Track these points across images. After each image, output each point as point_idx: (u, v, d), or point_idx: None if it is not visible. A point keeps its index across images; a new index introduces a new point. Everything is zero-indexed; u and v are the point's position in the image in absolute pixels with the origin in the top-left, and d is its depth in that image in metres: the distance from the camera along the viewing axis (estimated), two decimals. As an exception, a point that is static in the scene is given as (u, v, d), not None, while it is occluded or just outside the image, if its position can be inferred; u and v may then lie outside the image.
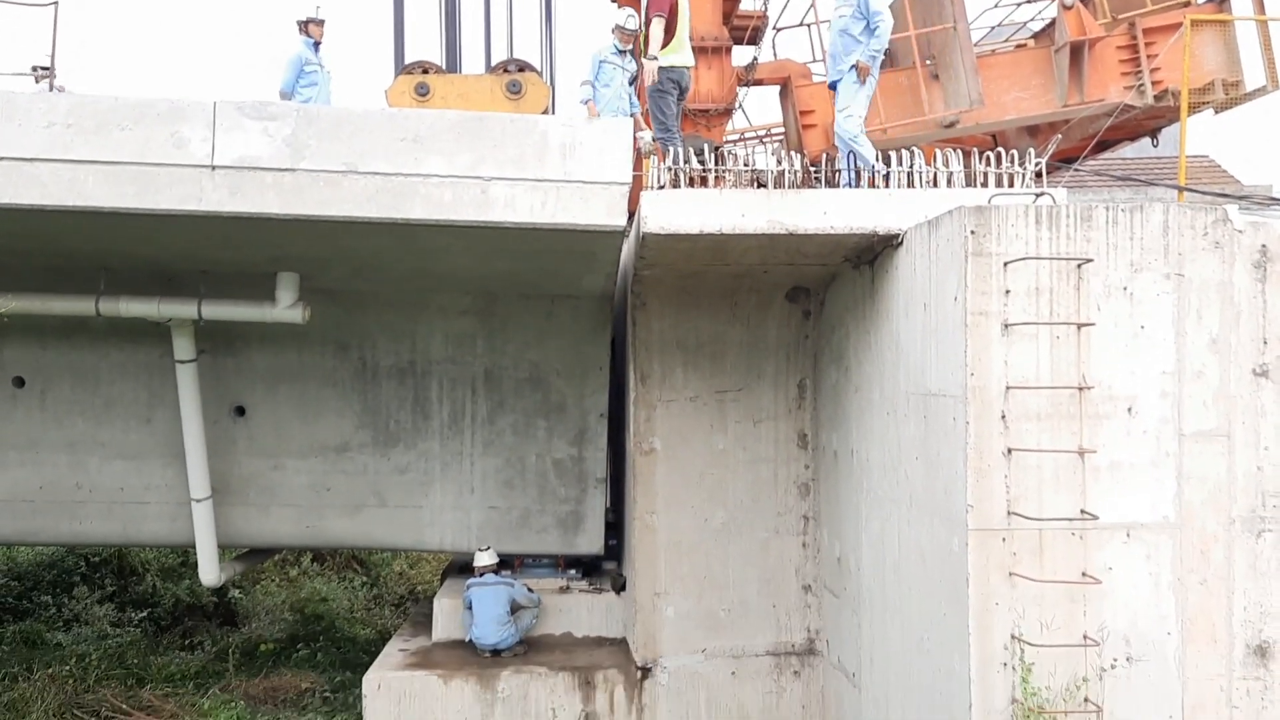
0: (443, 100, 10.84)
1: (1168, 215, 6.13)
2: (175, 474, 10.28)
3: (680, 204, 7.48)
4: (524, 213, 6.93)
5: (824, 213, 7.47)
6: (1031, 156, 8.13)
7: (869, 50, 8.67)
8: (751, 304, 9.36)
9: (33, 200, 6.56)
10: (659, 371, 9.41)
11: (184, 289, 8.98)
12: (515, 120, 7.08)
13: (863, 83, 8.70)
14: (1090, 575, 5.95)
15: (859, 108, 8.74)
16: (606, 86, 10.03)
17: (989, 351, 6.00)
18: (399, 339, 10.39)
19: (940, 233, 6.49)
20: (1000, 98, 10.34)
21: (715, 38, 11.34)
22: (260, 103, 6.74)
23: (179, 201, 6.67)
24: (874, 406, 7.84)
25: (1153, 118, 10.85)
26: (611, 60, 10.02)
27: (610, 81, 10.14)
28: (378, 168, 6.80)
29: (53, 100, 6.64)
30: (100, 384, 10.32)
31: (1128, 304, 6.06)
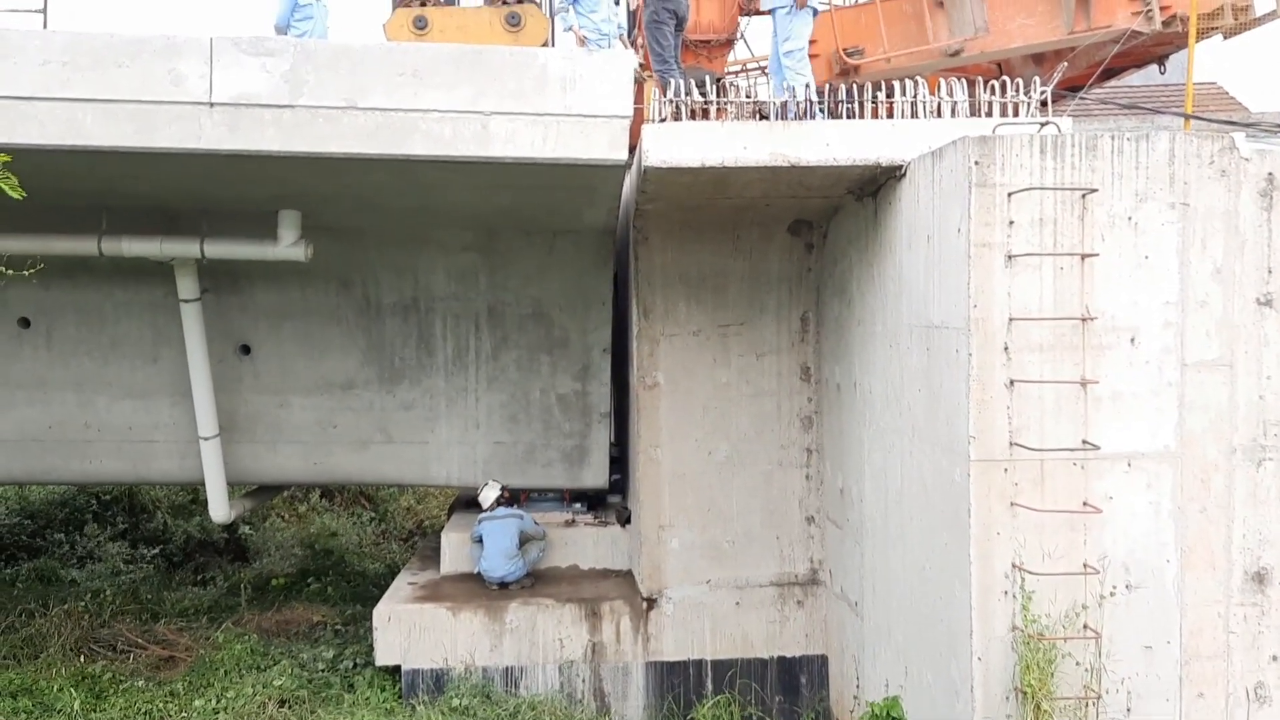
0: (441, 34, 10.69)
1: (1173, 144, 6.08)
2: (183, 412, 10.36)
3: (682, 137, 7.42)
4: (524, 147, 6.90)
5: (826, 144, 7.41)
6: (1037, 85, 8.03)
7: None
8: (754, 237, 9.33)
9: (30, 139, 6.52)
10: (661, 306, 9.41)
11: (186, 228, 8.96)
12: (514, 53, 7.01)
13: (800, 8, 8.58)
14: (1091, 505, 6.01)
15: (802, 37, 8.68)
16: (594, 12, 9.75)
17: (992, 283, 5.99)
18: (401, 275, 10.39)
19: (944, 164, 6.45)
20: (1006, 25, 10.16)
21: (716, -33, 11.13)
22: (257, 38, 6.67)
23: (178, 139, 6.64)
24: (876, 339, 7.86)
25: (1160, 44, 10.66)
26: None
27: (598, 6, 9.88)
28: (377, 103, 6.75)
29: (48, 37, 6.57)
30: (105, 323, 10.35)
31: (1132, 234, 6.04)
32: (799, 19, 8.75)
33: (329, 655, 10.34)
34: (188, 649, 10.53)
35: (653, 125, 7.59)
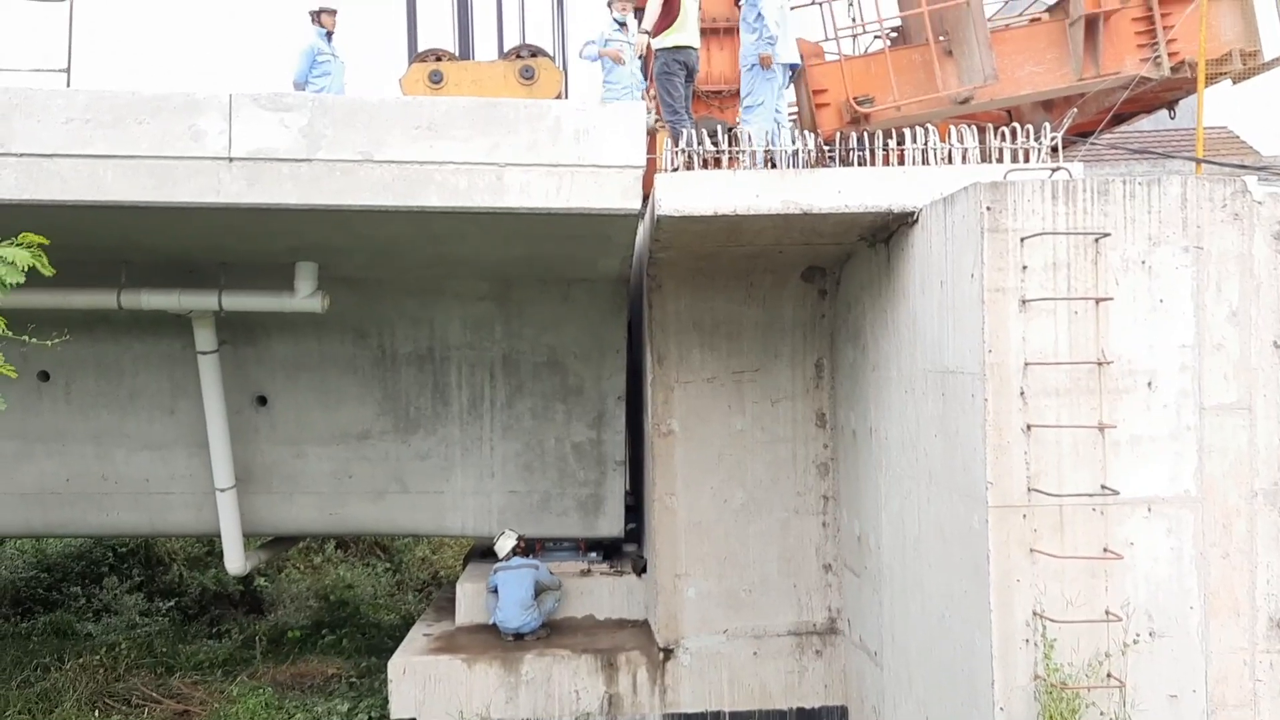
0: (457, 87, 10.85)
1: (1186, 188, 6.09)
2: (200, 464, 10.39)
3: (694, 186, 7.48)
4: (539, 197, 6.96)
5: (838, 191, 7.45)
6: (1047, 131, 8.08)
7: (764, 35, 8.74)
8: (767, 284, 9.36)
9: (53, 195, 6.62)
10: (676, 353, 9.43)
11: (204, 280, 9.05)
12: (529, 105, 7.09)
13: (766, 69, 8.69)
14: (1112, 551, 5.95)
15: (766, 96, 8.82)
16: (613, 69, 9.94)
17: (1007, 328, 5.99)
18: (417, 325, 10.45)
19: (956, 209, 6.47)
20: (1015, 73, 10.24)
21: (727, 18, 11.28)
22: (276, 94, 6.78)
23: (197, 194, 6.73)
24: (892, 384, 7.84)
25: (1169, 89, 10.73)
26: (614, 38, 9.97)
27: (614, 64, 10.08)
28: (393, 156, 6.84)
29: (71, 95, 6.69)
30: (124, 376, 10.43)
31: (1146, 278, 6.03)
32: (762, 78, 8.86)
33: (344, 709, 10.26)
34: (203, 703, 10.47)
35: (665, 174, 7.66)
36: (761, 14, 8.72)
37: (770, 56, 8.71)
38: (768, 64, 8.74)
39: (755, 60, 8.84)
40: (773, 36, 8.74)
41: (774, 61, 8.76)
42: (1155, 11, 10.05)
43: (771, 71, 8.82)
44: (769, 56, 8.70)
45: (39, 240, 4.66)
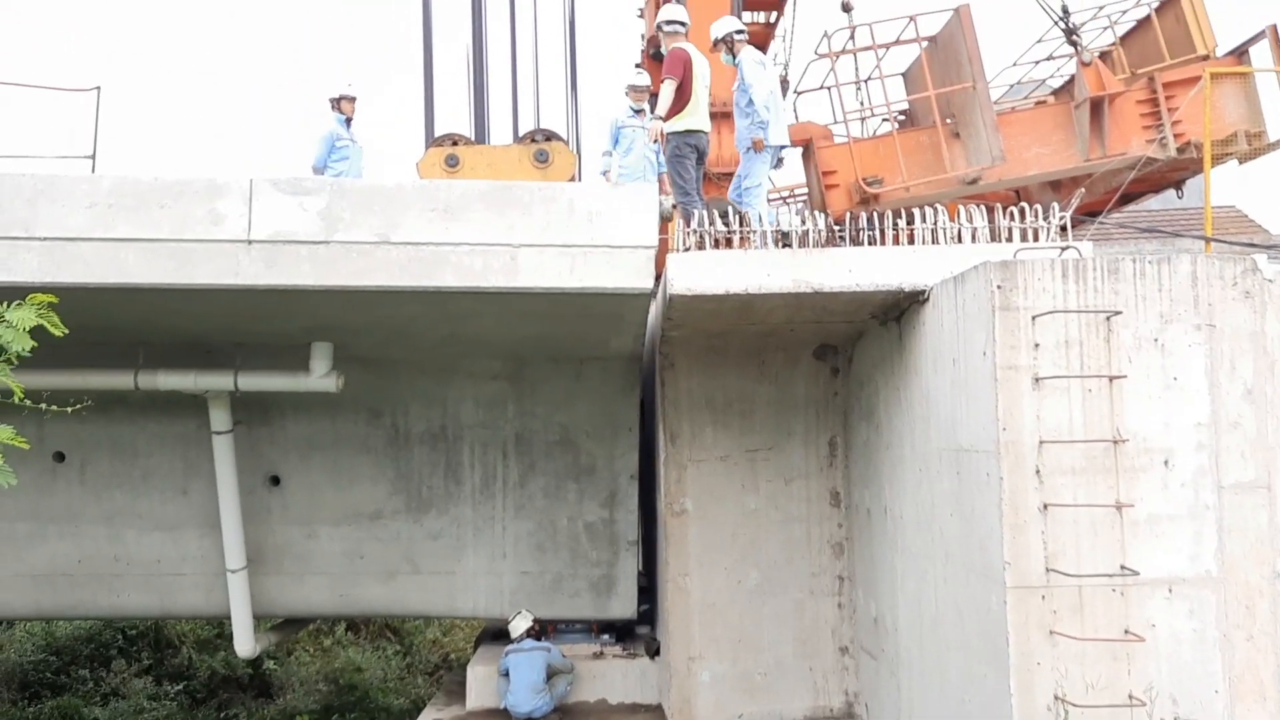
0: (472, 171, 11.05)
1: (1196, 266, 6.12)
2: (211, 544, 10.35)
3: (706, 265, 7.55)
4: (552, 278, 7.03)
5: (849, 270, 7.51)
6: (1055, 211, 8.16)
7: (756, 120, 8.94)
8: (779, 362, 9.38)
9: (75, 278, 6.72)
10: (689, 431, 9.42)
11: (220, 361, 9.12)
12: (543, 188, 7.20)
13: (758, 152, 8.91)
14: (1133, 633, 5.85)
15: (759, 176, 9.00)
16: (628, 153, 10.21)
17: (1020, 405, 5.97)
18: (431, 405, 10.48)
19: (967, 288, 6.51)
20: (1022, 154, 10.39)
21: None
22: (295, 179, 6.91)
23: (216, 276, 6.82)
24: (906, 463, 7.80)
25: (1176, 170, 10.86)
26: (629, 124, 10.21)
27: (631, 146, 10.34)
28: (409, 237, 6.93)
29: (96, 181, 6.83)
30: (138, 456, 10.45)
31: (1159, 355, 6.04)
32: (758, 160, 9.04)
33: (352, 795, 10.07)
34: (209, 789, 10.28)
35: (677, 254, 7.74)
36: (752, 100, 8.93)
37: (762, 140, 8.90)
38: (759, 148, 8.94)
39: (749, 144, 9.03)
40: (764, 122, 8.94)
41: (765, 144, 8.95)
42: (1159, 95, 10.22)
43: (764, 155, 9.01)
44: (761, 140, 8.90)
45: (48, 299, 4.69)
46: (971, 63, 10.09)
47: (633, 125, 10.20)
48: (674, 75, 8.90)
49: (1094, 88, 10.17)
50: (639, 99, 10.18)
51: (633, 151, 10.20)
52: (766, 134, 8.96)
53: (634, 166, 10.28)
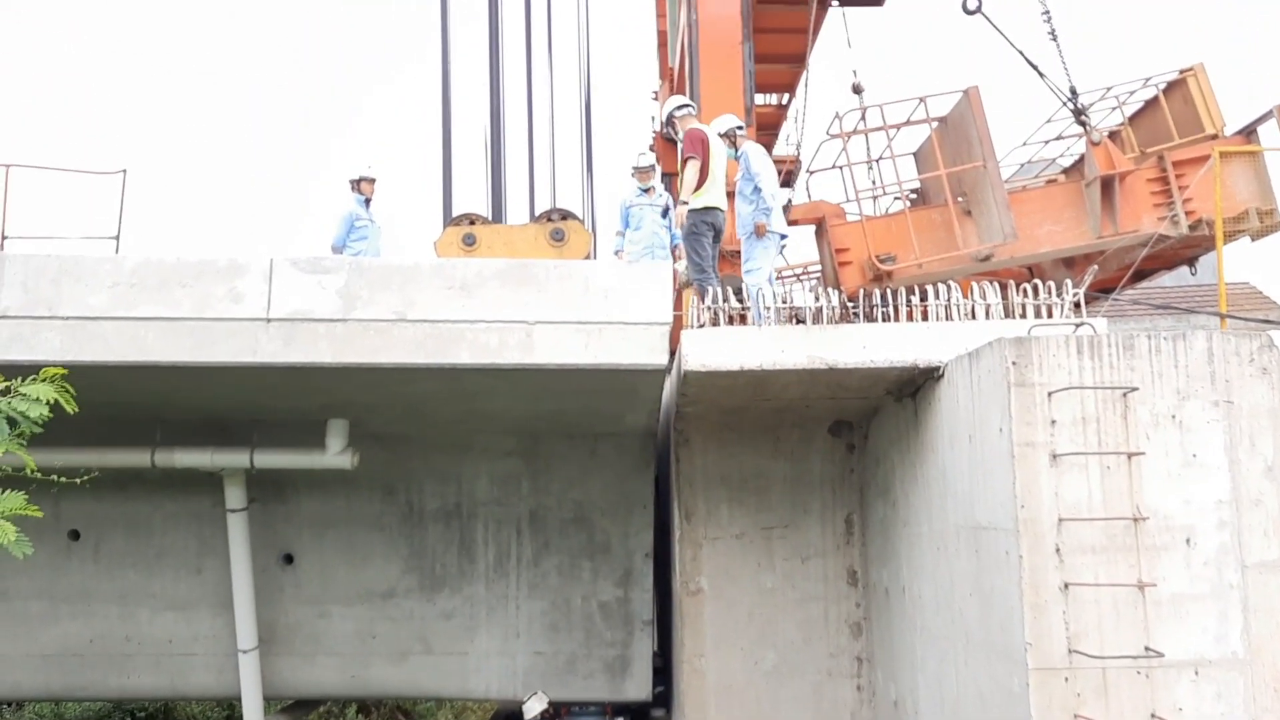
0: (489, 249, 11.19)
1: (1211, 342, 6.10)
2: (223, 624, 10.26)
3: (720, 341, 7.58)
4: (567, 354, 7.06)
5: (863, 347, 7.52)
6: (1069, 287, 8.19)
7: (761, 207, 9.07)
8: (794, 438, 9.35)
9: (96, 357, 6.79)
10: (704, 508, 9.36)
11: (237, 438, 9.15)
12: (558, 265, 7.28)
13: (760, 238, 9.05)
14: (1159, 717, 5.70)
15: (763, 261, 9.09)
16: (638, 229, 10.38)
17: (1038, 483, 5.92)
18: (445, 481, 10.46)
19: (981, 364, 6.51)
20: (1034, 231, 10.47)
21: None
22: (315, 258, 7.01)
23: (235, 354, 6.88)
24: (923, 541, 7.72)
25: (1189, 247, 10.91)
26: (638, 202, 10.39)
27: (641, 224, 10.50)
28: (426, 315, 7.00)
29: (119, 261, 6.95)
30: (153, 534, 10.44)
31: (1177, 432, 5.99)
32: (759, 245, 9.14)
33: None
34: None
35: (692, 330, 7.78)
36: (759, 188, 9.07)
37: (765, 225, 9.03)
38: (762, 232, 9.06)
39: (753, 229, 9.15)
40: (768, 208, 9.07)
41: (768, 230, 9.07)
42: (1170, 173, 10.31)
43: (768, 240, 9.12)
44: (764, 225, 9.03)
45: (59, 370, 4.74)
46: (982, 142, 10.23)
47: (641, 204, 10.40)
48: (696, 154, 9.06)
49: (1104, 166, 10.28)
50: (645, 179, 10.40)
51: (642, 229, 10.37)
52: (770, 219, 9.10)
53: (645, 244, 10.42)
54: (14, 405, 4.51)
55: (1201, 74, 10.80)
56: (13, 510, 4.49)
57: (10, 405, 4.51)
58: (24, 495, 4.51)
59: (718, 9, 11.70)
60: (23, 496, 4.51)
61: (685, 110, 9.61)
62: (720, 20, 11.67)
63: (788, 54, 13.52)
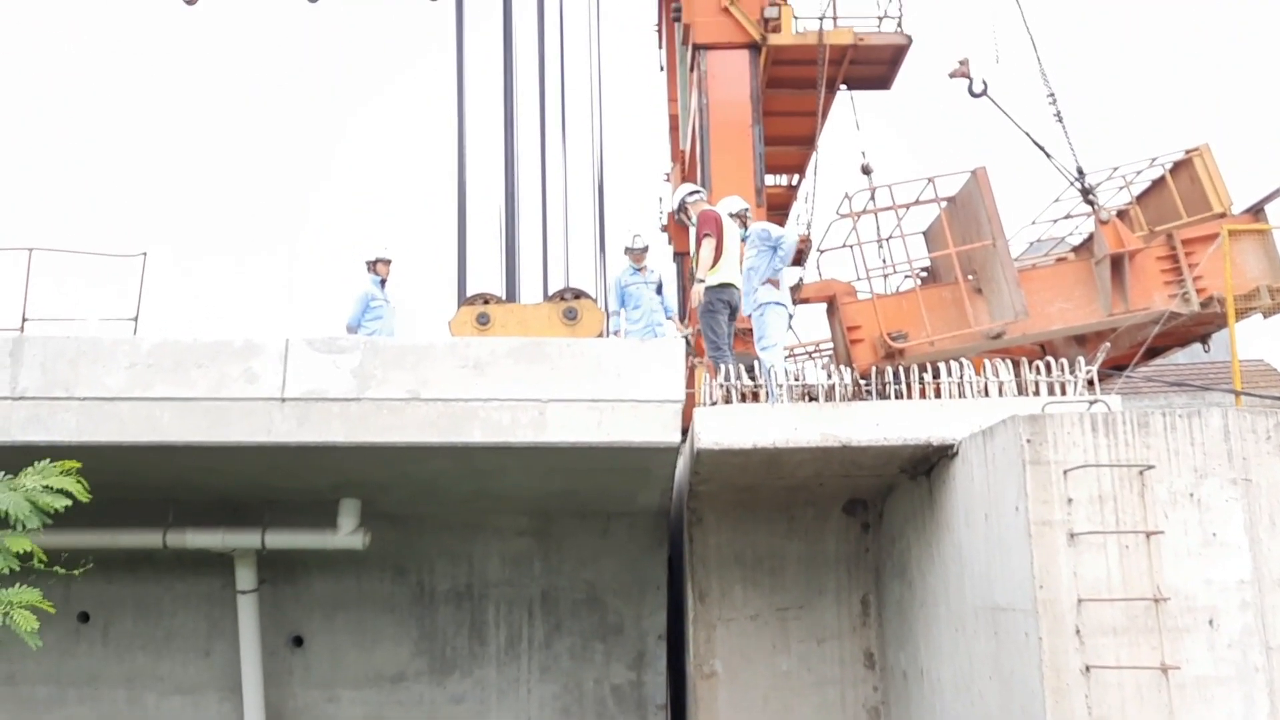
0: (503, 328, 11.27)
1: (1227, 420, 6.07)
2: (231, 708, 10.11)
3: (733, 419, 7.58)
4: (580, 432, 7.06)
5: (876, 424, 7.51)
6: (1082, 364, 8.18)
7: (773, 265, 9.21)
8: (809, 517, 9.27)
9: (110, 437, 6.83)
10: (717, 589, 9.24)
11: (248, 519, 9.13)
12: (571, 344, 7.32)
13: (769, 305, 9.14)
14: (1189, 804, 5.55)
15: (776, 337, 9.14)
16: (636, 308, 10.53)
17: (1056, 562, 5.85)
18: (456, 562, 10.38)
19: (996, 442, 6.48)
20: (1045, 308, 10.50)
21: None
22: (330, 338, 7.07)
23: (249, 434, 6.91)
24: (941, 622, 7.60)
25: (1201, 324, 10.91)
26: (633, 281, 10.56)
27: (639, 302, 10.65)
28: (439, 394, 7.03)
29: (136, 342, 7.02)
30: (162, 616, 10.34)
31: (1196, 511, 5.93)
32: (769, 315, 9.19)
33: None
34: None
35: (705, 408, 7.78)
36: (779, 246, 9.20)
37: (778, 281, 9.12)
38: (777, 285, 9.13)
39: (764, 303, 9.19)
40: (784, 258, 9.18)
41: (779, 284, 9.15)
42: (1179, 251, 10.35)
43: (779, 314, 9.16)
44: (777, 280, 9.12)
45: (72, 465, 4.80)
46: (990, 221, 10.32)
47: (636, 282, 10.63)
48: (712, 233, 9.22)
49: (1113, 245, 10.34)
50: (639, 260, 10.69)
51: (641, 306, 10.55)
52: (783, 272, 9.26)
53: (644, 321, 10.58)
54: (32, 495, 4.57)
55: (1207, 154, 10.92)
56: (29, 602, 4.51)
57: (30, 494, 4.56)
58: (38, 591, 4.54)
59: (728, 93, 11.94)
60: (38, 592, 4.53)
61: (696, 196, 9.85)
62: (731, 104, 11.91)
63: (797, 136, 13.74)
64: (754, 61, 12.00)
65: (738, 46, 11.96)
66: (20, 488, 4.58)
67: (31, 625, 4.35)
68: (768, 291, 9.22)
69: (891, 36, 12.65)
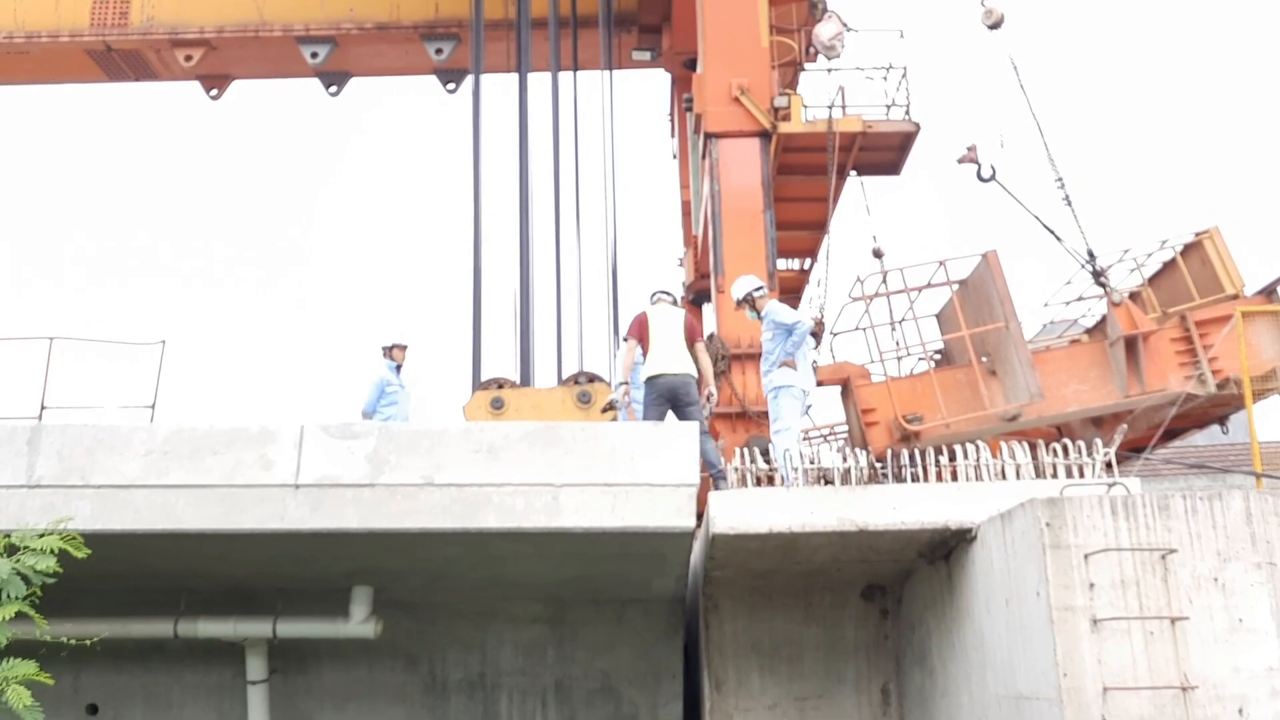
0: (517, 412, 11.28)
1: (1249, 502, 6.00)
2: (240, 801, 9.90)
3: (748, 503, 7.53)
4: (593, 517, 7.02)
5: (893, 508, 7.45)
6: (1099, 447, 8.12)
7: (785, 349, 9.25)
8: (826, 603, 9.13)
9: (125, 525, 6.83)
10: (734, 678, 9.07)
11: (260, 607, 9.04)
12: (585, 428, 7.33)
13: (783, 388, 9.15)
14: None
15: (791, 420, 9.16)
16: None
17: (1080, 649, 5.74)
18: (469, 650, 10.23)
19: (1015, 526, 6.41)
20: (1060, 390, 10.47)
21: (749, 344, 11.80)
22: (345, 424, 7.10)
23: (262, 521, 6.90)
24: (964, 712, 7.42)
25: (1218, 406, 10.85)
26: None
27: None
28: (453, 479, 7.02)
29: (153, 430, 7.06)
30: (172, 707, 10.17)
31: (1221, 596, 5.82)
32: (783, 398, 9.20)
33: None
34: None
35: (719, 492, 7.74)
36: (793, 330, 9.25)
37: (794, 362, 9.13)
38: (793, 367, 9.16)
39: (779, 386, 9.20)
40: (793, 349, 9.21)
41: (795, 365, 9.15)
42: (1193, 333, 10.34)
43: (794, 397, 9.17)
44: (793, 363, 9.14)
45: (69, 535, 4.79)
46: (1003, 303, 10.36)
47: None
48: (630, 335, 9.54)
49: (1126, 327, 10.34)
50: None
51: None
52: (798, 354, 9.29)
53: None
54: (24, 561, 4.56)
55: (1217, 236, 10.98)
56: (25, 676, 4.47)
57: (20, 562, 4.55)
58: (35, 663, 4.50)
59: (740, 180, 12.11)
60: (34, 664, 4.49)
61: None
62: (742, 190, 12.07)
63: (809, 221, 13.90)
64: (765, 149, 12.20)
65: (749, 135, 12.17)
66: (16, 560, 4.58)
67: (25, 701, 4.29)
68: (783, 375, 9.24)
69: (900, 124, 12.85)
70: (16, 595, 4.49)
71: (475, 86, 14.30)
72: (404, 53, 16.77)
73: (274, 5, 16.35)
